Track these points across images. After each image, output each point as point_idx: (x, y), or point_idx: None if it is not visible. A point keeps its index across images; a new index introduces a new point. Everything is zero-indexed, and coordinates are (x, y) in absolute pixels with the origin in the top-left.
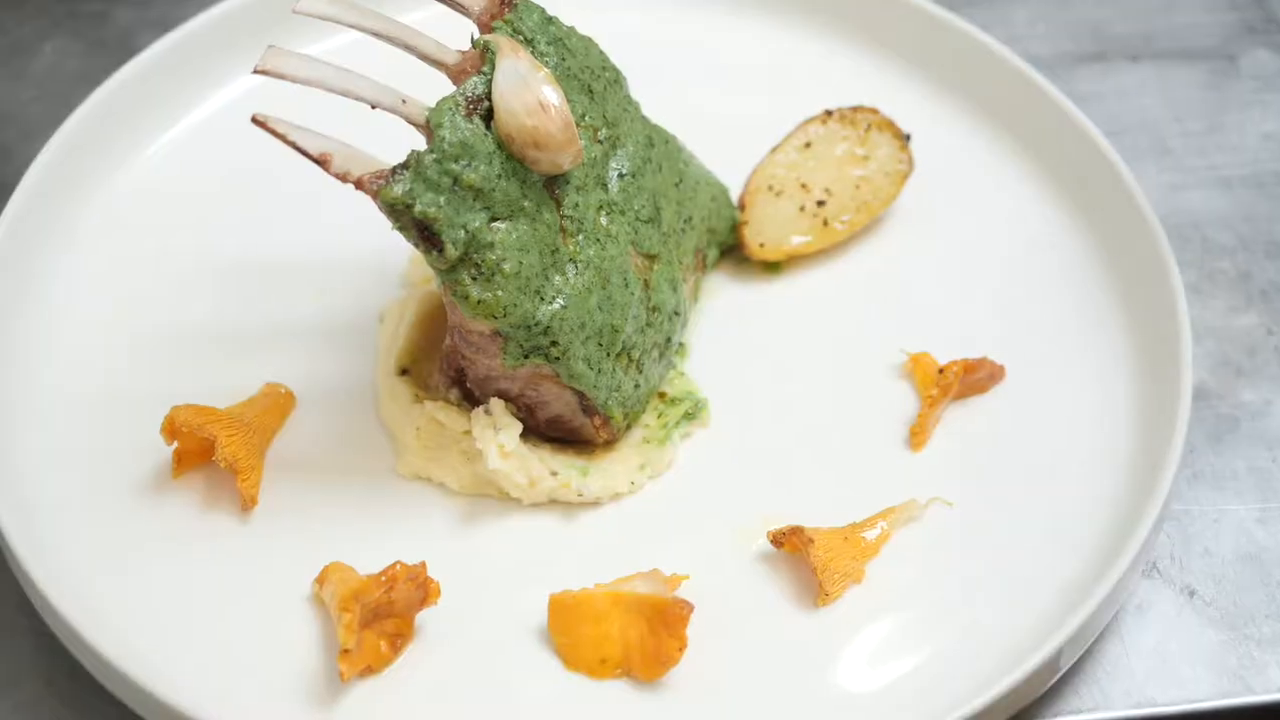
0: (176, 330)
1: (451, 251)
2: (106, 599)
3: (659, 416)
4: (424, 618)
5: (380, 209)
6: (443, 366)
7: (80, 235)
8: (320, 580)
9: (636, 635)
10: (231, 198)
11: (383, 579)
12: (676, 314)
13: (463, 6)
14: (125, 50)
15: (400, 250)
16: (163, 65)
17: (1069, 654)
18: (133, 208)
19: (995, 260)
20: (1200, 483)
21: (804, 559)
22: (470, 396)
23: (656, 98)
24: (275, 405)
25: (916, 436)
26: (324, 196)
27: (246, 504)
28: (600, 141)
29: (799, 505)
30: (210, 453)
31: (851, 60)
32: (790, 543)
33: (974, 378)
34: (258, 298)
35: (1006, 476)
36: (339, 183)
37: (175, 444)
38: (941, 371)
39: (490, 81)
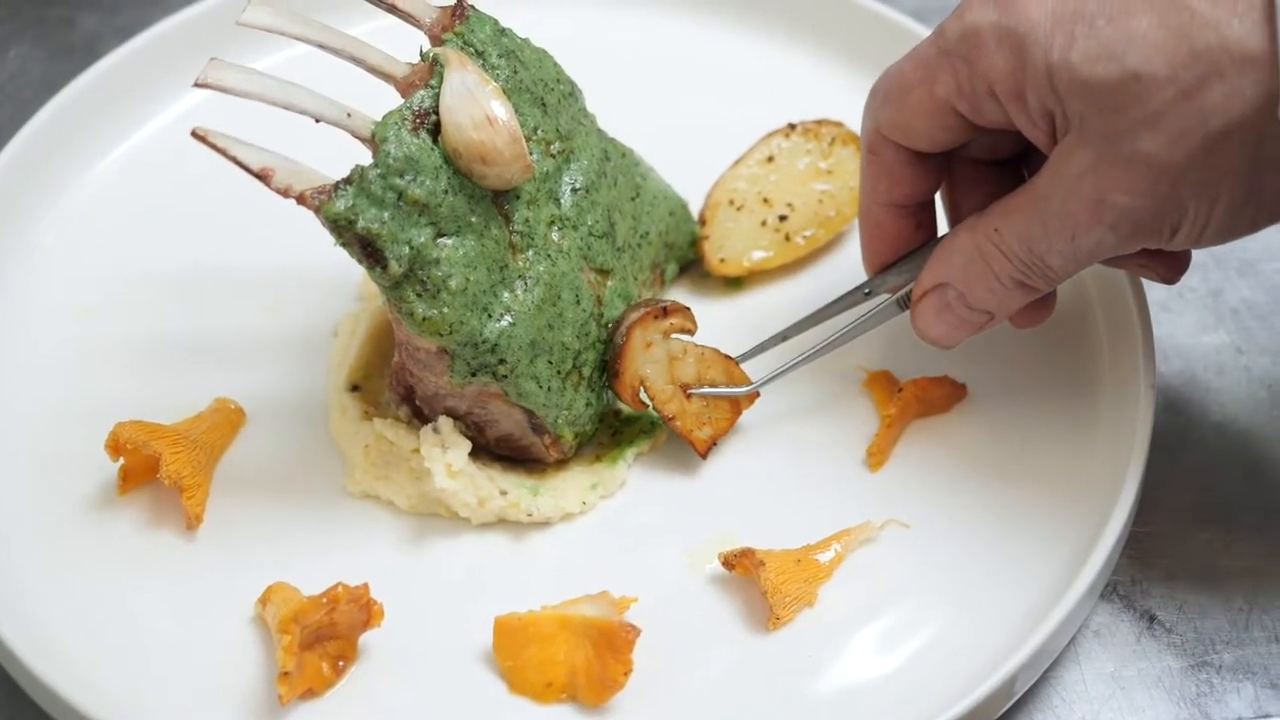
0: (130, 343)
1: (395, 268)
2: (46, 617)
3: (612, 435)
4: (369, 639)
5: (323, 224)
6: (392, 383)
7: (31, 247)
8: (263, 601)
9: (583, 659)
10: (186, 210)
11: (324, 600)
12: None
13: (413, 18)
14: (90, 57)
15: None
16: (119, 75)
17: (1024, 679)
18: (85, 218)
19: None
20: (1164, 505)
21: (755, 582)
22: (420, 414)
23: (615, 110)
24: (225, 421)
25: (874, 456)
26: (282, 208)
27: (191, 522)
28: (553, 155)
29: (753, 526)
30: (157, 469)
31: (816, 72)
32: (741, 565)
33: (933, 397)
34: (212, 310)
35: (965, 498)
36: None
37: (121, 460)
38: (900, 390)
39: (438, 95)
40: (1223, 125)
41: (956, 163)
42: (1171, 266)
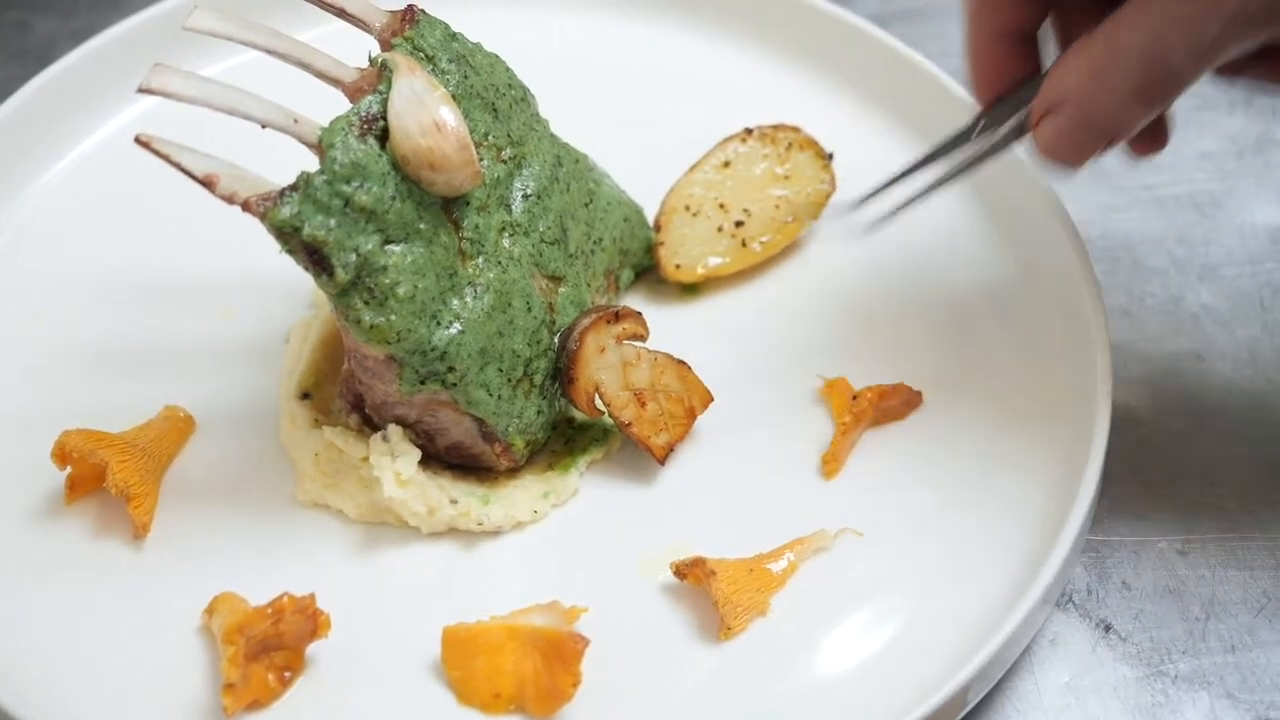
0: (79, 350)
1: (342, 275)
2: None
3: (565, 443)
4: (317, 649)
5: (269, 231)
6: (342, 391)
7: None
8: (209, 611)
9: (531, 669)
10: (137, 216)
11: (269, 611)
12: None
13: (363, 22)
14: (46, 61)
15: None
16: (70, 80)
17: (977, 688)
18: (35, 224)
19: (916, 284)
20: (1121, 513)
21: (707, 591)
22: (370, 422)
23: (569, 115)
24: (174, 429)
25: (829, 464)
26: (234, 214)
27: (139, 531)
28: (504, 161)
29: (707, 535)
30: (105, 478)
31: (774, 76)
32: (693, 574)
33: (890, 404)
34: (162, 317)
35: (920, 506)
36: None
37: (68, 469)
38: (855, 398)
39: (386, 100)
40: None
41: None
42: None
